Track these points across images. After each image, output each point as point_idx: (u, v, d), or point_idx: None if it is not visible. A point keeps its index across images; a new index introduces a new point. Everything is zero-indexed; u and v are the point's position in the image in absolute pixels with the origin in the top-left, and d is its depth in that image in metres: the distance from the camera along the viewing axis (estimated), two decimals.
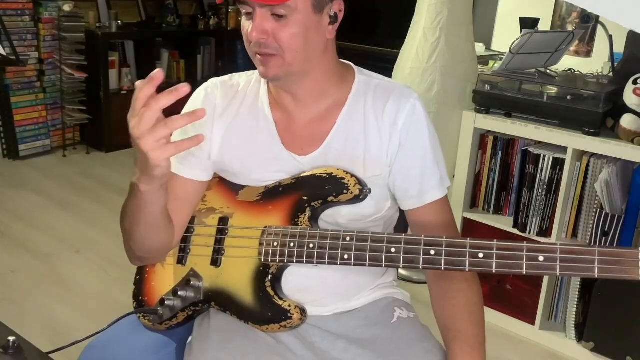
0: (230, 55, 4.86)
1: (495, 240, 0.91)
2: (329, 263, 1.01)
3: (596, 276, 0.86)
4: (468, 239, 0.93)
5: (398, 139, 1.09)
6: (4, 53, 1.32)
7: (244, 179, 1.14)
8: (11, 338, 0.87)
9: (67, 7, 3.91)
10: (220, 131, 1.14)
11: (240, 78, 1.19)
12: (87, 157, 4.18)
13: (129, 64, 4.38)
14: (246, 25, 1.04)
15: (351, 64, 1.18)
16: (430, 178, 1.11)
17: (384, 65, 2.58)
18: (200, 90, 1.18)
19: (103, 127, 4.19)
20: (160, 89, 0.87)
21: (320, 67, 1.09)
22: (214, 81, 1.18)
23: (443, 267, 0.94)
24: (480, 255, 0.91)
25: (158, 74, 0.86)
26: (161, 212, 1.03)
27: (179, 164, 1.15)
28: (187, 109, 1.18)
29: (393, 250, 0.96)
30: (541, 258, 0.88)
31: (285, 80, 1.08)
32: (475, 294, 1.09)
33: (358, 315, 1.15)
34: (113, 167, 4.00)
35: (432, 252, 0.94)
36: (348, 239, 1.00)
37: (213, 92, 1.16)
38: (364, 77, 1.15)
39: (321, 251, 1.01)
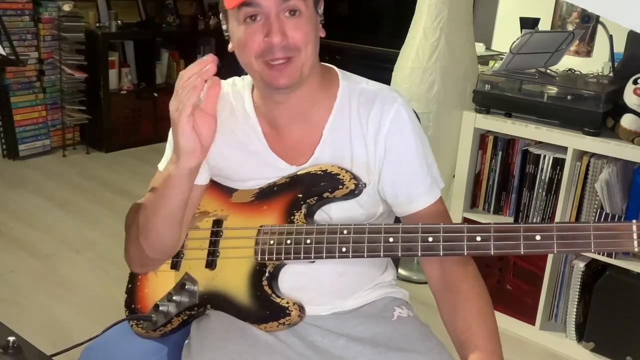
0: (231, 56, 4.86)
1: (492, 223, 0.92)
2: (326, 257, 1.01)
3: (592, 251, 0.88)
4: (465, 223, 0.94)
5: (383, 146, 1.07)
6: (3, 53, 1.32)
7: (241, 185, 1.14)
8: (11, 338, 0.87)
9: (67, 7, 3.91)
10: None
11: (228, 87, 1.16)
12: (87, 157, 4.18)
13: (128, 64, 4.38)
14: (247, 35, 0.99)
15: (334, 67, 1.15)
16: (419, 184, 1.09)
17: (384, 65, 2.59)
18: None
19: (103, 127, 4.19)
20: (160, 90, 0.88)
21: (315, 71, 1.07)
22: None
23: (442, 252, 0.94)
24: (478, 238, 0.92)
25: (209, 59, 0.96)
26: (183, 203, 1.06)
27: None
28: None
29: (391, 239, 0.96)
30: (538, 237, 0.88)
31: (295, 87, 1.04)
32: (486, 304, 1.06)
33: (358, 314, 1.15)
34: (113, 167, 4.00)
35: (430, 239, 0.94)
36: (345, 232, 0.99)
37: None
38: (347, 83, 1.12)
39: (318, 246, 1.01)
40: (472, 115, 2.32)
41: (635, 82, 2.04)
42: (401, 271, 2.62)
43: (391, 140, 1.07)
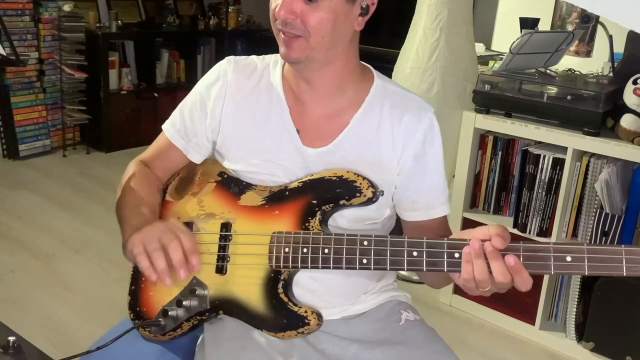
0: (230, 53, 4.86)
1: (521, 242, 0.90)
2: (346, 268, 0.98)
3: (624, 274, 0.85)
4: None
5: (414, 151, 1.10)
6: (4, 53, 1.32)
7: (252, 160, 1.12)
8: (11, 338, 0.87)
9: (67, 7, 3.91)
10: (231, 108, 1.14)
11: (257, 59, 1.20)
12: (87, 157, 4.18)
13: (129, 64, 4.38)
14: (274, 1, 1.04)
15: (370, 66, 1.18)
16: (440, 193, 1.14)
17: (384, 65, 2.57)
18: (218, 66, 1.18)
19: (103, 127, 4.20)
20: (160, 90, 0.88)
21: (341, 59, 1.09)
22: (229, 59, 1.19)
23: None
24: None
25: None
26: None
27: (182, 140, 1.17)
28: (203, 81, 1.19)
29: (415, 254, 0.94)
30: (569, 258, 0.87)
31: (306, 65, 1.07)
32: None
33: (366, 319, 1.15)
34: (113, 167, 4.00)
35: (457, 255, 0.92)
36: (365, 243, 0.97)
37: (228, 69, 1.17)
38: (382, 82, 1.15)
39: (337, 256, 0.98)
40: (472, 115, 2.32)
41: (635, 82, 2.04)
42: (401, 271, 2.63)
43: (422, 147, 1.11)
